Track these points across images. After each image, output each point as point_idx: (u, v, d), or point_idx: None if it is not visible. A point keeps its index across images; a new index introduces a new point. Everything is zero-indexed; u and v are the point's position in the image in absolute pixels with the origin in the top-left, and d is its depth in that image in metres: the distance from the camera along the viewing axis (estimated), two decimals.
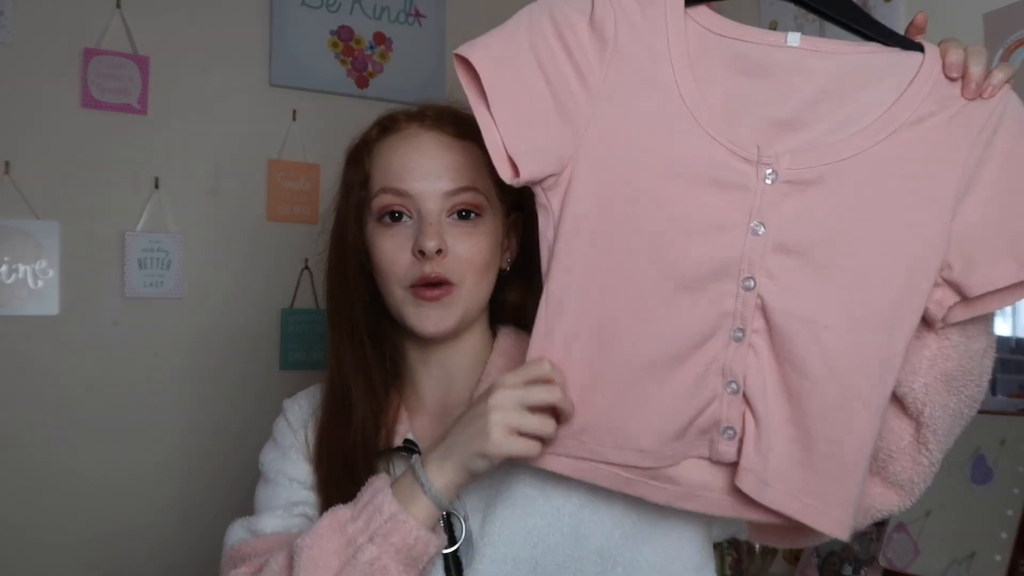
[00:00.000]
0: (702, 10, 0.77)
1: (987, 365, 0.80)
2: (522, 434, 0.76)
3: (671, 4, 0.76)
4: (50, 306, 1.64)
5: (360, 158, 0.95)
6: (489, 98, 0.75)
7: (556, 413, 0.77)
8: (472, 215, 0.90)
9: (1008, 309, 1.30)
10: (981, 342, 0.79)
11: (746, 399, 0.77)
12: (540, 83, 0.75)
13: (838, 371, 0.74)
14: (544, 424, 0.76)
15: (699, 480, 0.79)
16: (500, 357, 0.95)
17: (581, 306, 0.77)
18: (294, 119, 1.88)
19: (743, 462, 0.77)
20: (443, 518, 0.86)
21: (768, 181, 0.74)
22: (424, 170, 0.90)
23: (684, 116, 0.74)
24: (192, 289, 1.77)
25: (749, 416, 0.77)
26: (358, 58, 1.94)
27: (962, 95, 0.73)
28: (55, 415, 1.65)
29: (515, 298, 0.99)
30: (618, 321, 0.76)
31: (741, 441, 0.77)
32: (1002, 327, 1.32)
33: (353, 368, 0.94)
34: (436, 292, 0.89)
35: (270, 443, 0.98)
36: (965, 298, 0.74)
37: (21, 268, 1.62)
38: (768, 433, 0.76)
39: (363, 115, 0.99)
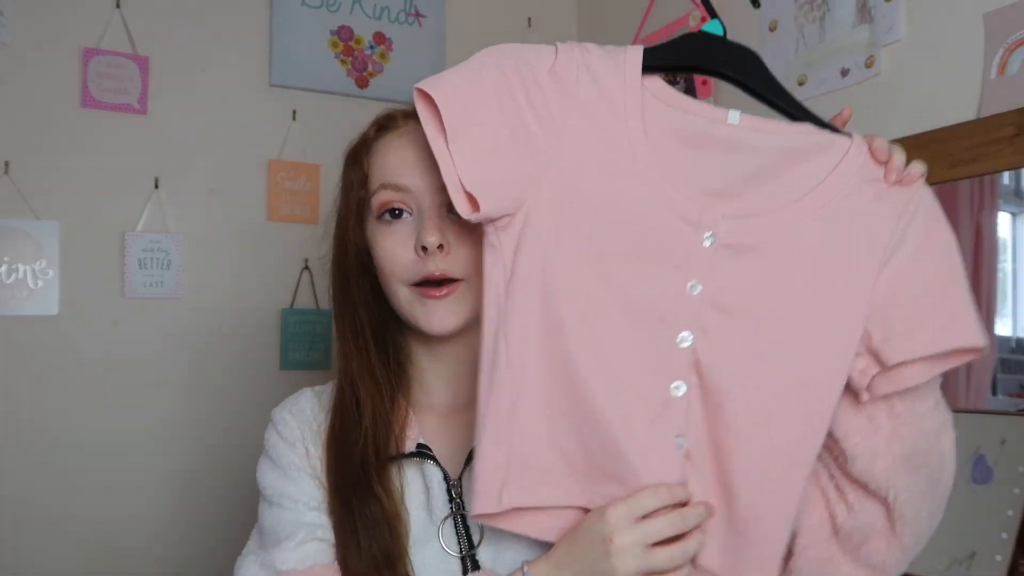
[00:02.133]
0: (655, 80, 0.80)
1: (946, 442, 0.81)
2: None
3: (630, 68, 0.79)
4: (50, 306, 1.64)
5: (359, 157, 0.95)
6: (448, 133, 0.76)
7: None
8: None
9: (1009, 309, 1.30)
10: (933, 420, 0.80)
11: (689, 456, 0.79)
12: (500, 123, 0.77)
13: (763, 431, 0.76)
14: (673, 557, 0.75)
15: None
16: None
17: (535, 343, 0.78)
18: (294, 119, 1.88)
19: None
20: (462, 520, 0.86)
21: (707, 244, 0.77)
22: (423, 165, 0.88)
23: (634, 174, 0.77)
24: (192, 289, 1.77)
25: (691, 471, 0.79)
26: (358, 58, 1.94)
27: (884, 179, 0.78)
28: (55, 415, 1.65)
29: None
30: (569, 366, 0.77)
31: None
32: (1002, 327, 1.32)
33: (360, 370, 0.93)
34: (442, 291, 0.88)
35: (266, 461, 0.95)
36: (884, 367, 0.76)
37: (21, 268, 1.62)
38: (701, 489, 0.78)
39: (363, 115, 0.99)
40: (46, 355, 1.65)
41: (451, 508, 0.88)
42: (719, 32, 0.83)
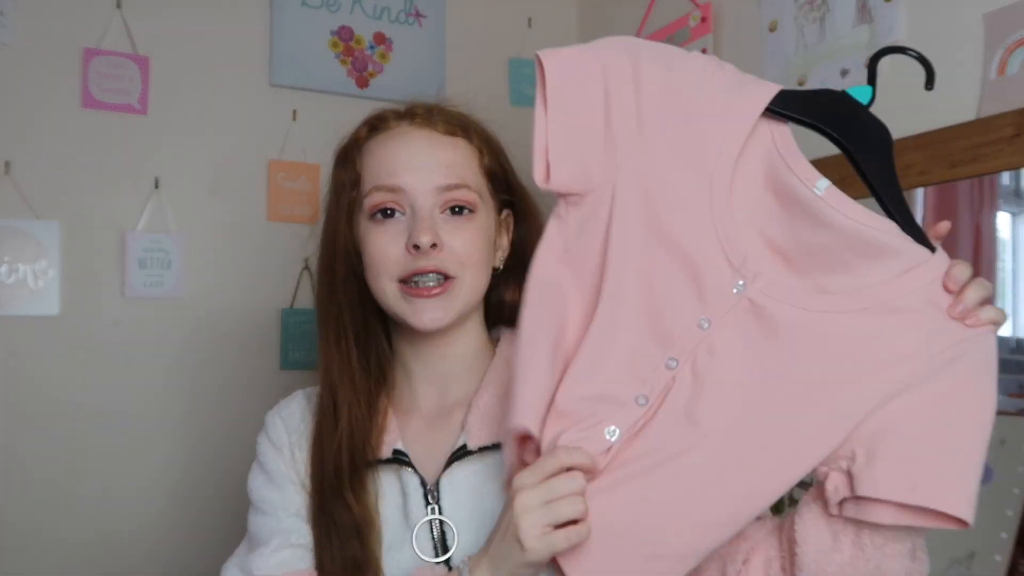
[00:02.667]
0: (784, 127, 0.78)
1: (916, 570, 0.75)
2: (559, 526, 0.73)
3: (753, 101, 0.78)
4: (50, 306, 1.64)
5: (350, 158, 0.94)
6: (548, 102, 0.79)
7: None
8: (465, 211, 0.90)
9: (1009, 309, 1.30)
10: (898, 566, 0.74)
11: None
12: (599, 108, 0.79)
13: (708, 477, 0.74)
14: (575, 506, 0.73)
15: None
16: (501, 364, 0.94)
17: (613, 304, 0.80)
18: (294, 119, 1.88)
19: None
20: (437, 525, 0.86)
21: (734, 290, 0.76)
22: (416, 165, 0.89)
23: (704, 199, 0.78)
24: (192, 289, 1.77)
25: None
26: (358, 58, 1.94)
27: (947, 311, 0.72)
28: (55, 415, 1.65)
29: (512, 296, 0.98)
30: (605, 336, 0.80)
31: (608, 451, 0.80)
32: (1002, 328, 1.32)
33: (339, 374, 0.93)
34: (435, 290, 0.88)
35: (256, 466, 0.96)
36: (853, 495, 0.72)
37: (21, 268, 1.62)
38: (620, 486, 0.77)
39: (363, 115, 0.99)
40: (47, 355, 1.65)
41: (427, 512, 0.88)
42: (865, 100, 0.79)
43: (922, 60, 0.80)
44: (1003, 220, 1.32)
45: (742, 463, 0.74)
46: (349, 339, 0.94)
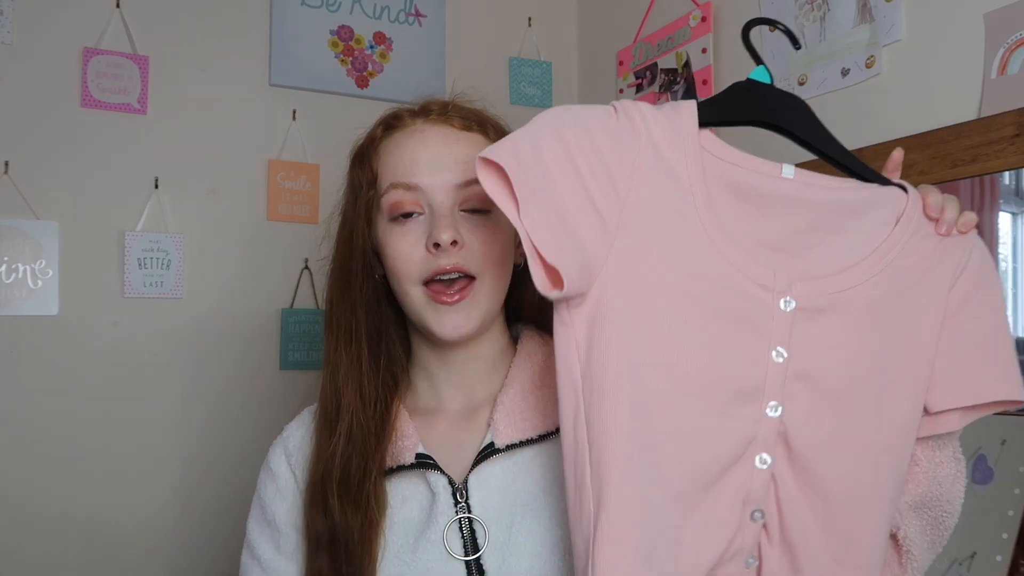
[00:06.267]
0: (709, 135, 0.78)
1: (957, 491, 0.84)
2: None
3: (687, 131, 0.76)
4: (49, 306, 1.64)
5: (366, 157, 0.93)
6: (520, 205, 0.70)
7: None
8: (484, 209, 0.89)
9: (1009, 308, 1.30)
10: (949, 468, 0.83)
11: (766, 528, 0.77)
12: (567, 196, 0.71)
13: (857, 493, 0.77)
14: None
15: None
16: (524, 361, 0.93)
17: (619, 429, 0.73)
18: (294, 119, 1.87)
19: None
20: (467, 524, 0.85)
21: (786, 309, 0.75)
22: (433, 163, 0.88)
23: (703, 242, 0.75)
24: (192, 289, 1.77)
25: (766, 544, 0.78)
26: (358, 58, 1.94)
27: (935, 232, 0.79)
28: (55, 415, 1.65)
29: (532, 295, 0.97)
30: (654, 446, 0.73)
31: (759, 571, 0.78)
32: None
33: (346, 376, 0.92)
34: (455, 296, 0.87)
35: (255, 499, 0.98)
36: (927, 413, 0.79)
37: (21, 268, 1.62)
38: (798, 558, 0.77)
39: (363, 115, 0.99)
40: (46, 355, 1.65)
41: (456, 511, 0.87)
42: (766, 79, 0.81)
43: (787, 32, 0.86)
44: (1003, 220, 1.32)
45: (882, 442, 0.78)
46: (361, 342, 0.93)
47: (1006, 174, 1.25)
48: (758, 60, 0.82)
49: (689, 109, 0.77)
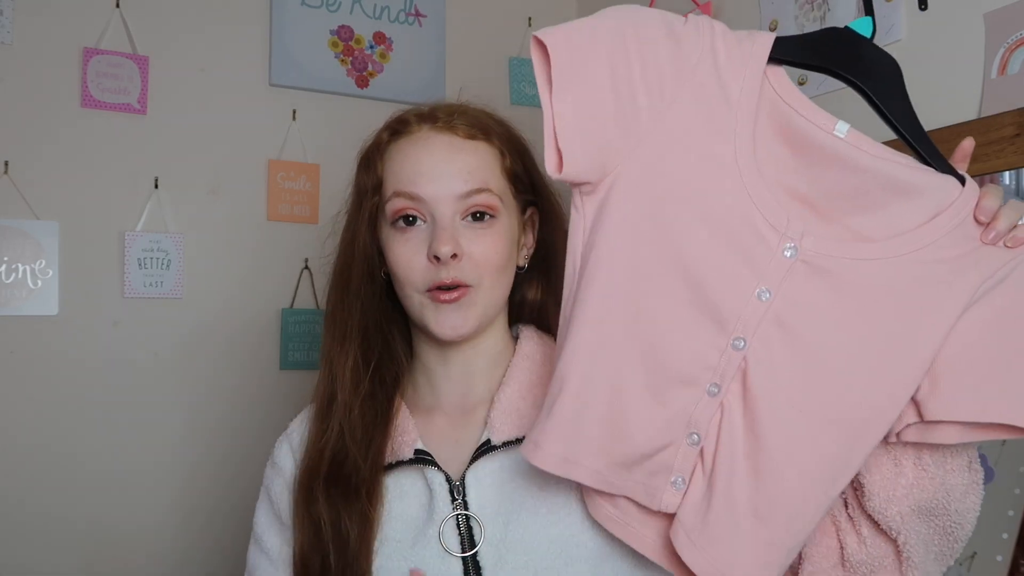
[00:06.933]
0: (780, 73, 0.77)
1: (971, 502, 0.79)
2: None
3: (754, 60, 0.75)
4: (49, 306, 1.64)
5: (372, 161, 0.94)
6: (554, 87, 0.74)
7: None
8: (487, 216, 0.90)
9: None
10: (961, 477, 0.78)
11: (701, 455, 0.77)
12: (608, 88, 0.74)
13: (797, 458, 0.75)
14: None
15: (637, 516, 0.80)
16: (523, 360, 0.94)
17: (607, 314, 0.76)
18: (294, 119, 1.87)
19: (680, 515, 0.77)
20: (463, 520, 0.85)
21: (787, 254, 0.74)
22: (436, 173, 0.89)
23: (731, 168, 0.74)
24: (192, 289, 1.77)
25: (700, 471, 0.77)
26: (358, 58, 1.94)
27: (981, 239, 0.74)
28: (54, 415, 1.65)
29: (534, 295, 0.99)
30: (627, 335, 0.76)
31: (684, 494, 0.78)
32: None
33: (341, 372, 0.94)
34: (453, 295, 0.88)
35: (262, 491, 0.99)
36: (922, 420, 0.74)
37: (20, 268, 1.62)
38: (716, 495, 0.76)
39: (363, 115, 0.99)
40: (46, 355, 1.65)
41: (452, 508, 0.88)
42: (867, 31, 0.76)
43: None
44: None
45: (843, 417, 0.75)
46: (357, 340, 0.94)
47: (1006, 174, 1.25)
48: (868, 10, 0.77)
49: (766, 39, 0.76)
